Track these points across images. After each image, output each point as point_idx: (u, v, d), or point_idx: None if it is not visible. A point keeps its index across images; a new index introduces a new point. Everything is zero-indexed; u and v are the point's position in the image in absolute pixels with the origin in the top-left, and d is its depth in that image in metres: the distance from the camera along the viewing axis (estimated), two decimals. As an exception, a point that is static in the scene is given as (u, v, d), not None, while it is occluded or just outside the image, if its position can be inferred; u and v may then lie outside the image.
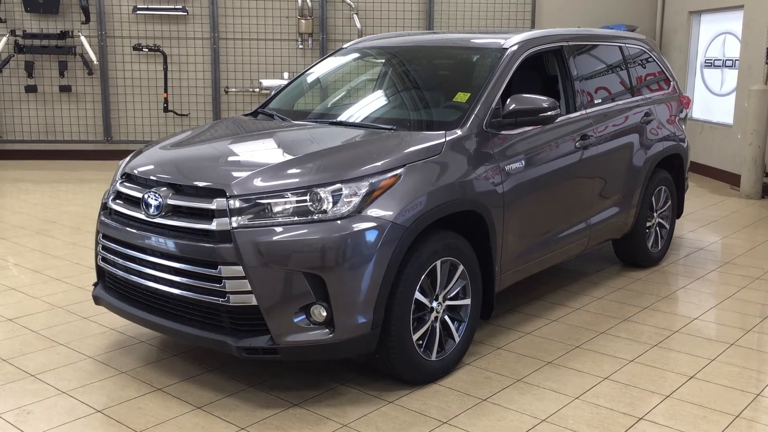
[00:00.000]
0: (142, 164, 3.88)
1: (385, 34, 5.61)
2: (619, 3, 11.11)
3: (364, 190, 3.42)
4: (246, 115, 4.99)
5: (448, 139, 3.87)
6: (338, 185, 3.41)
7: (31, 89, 10.34)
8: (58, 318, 4.58)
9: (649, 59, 5.89)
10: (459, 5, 10.88)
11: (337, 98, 5.26)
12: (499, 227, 4.02)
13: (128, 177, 3.88)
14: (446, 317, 3.79)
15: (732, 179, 9.13)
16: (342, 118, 4.51)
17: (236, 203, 3.36)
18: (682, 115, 6.08)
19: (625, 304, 4.95)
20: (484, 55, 4.60)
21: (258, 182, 3.43)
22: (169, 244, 3.47)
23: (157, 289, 3.57)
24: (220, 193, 3.40)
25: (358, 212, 3.38)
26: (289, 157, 3.76)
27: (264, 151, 4.13)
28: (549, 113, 4.06)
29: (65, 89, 10.43)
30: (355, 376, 3.79)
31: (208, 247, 3.35)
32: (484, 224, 3.93)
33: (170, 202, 3.53)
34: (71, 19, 10.34)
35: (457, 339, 3.84)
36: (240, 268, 3.29)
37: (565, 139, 4.62)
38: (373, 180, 3.46)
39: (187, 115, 10.71)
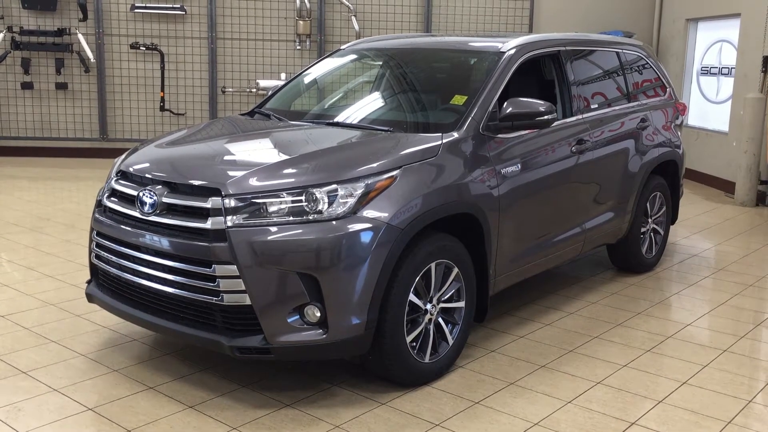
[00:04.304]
0: (138, 162, 3.87)
1: (383, 36, 5.61)
2: (617, 9, 11.14)
3: (359, 191, 3.42)
4: (242, 114, 4.98)
5: (444, 141, 3.87)
6: (334, 186, 3.40)
7: (27, 86, 10.31)
8: (50, 315, 4.56)
9: (646, 65, 5.90)
10: (457, 8, 10.89)
11: (334, 99, 5.25)
12: (494, 230, 4.02)
13: (123, 175, 3.87)
14: (440, 319, 3.79)
15: (727, 187, 9.15)
16: (339, 119, 4.51)
17: (231, 202, 3.35)
18: (678, 122, 6.10)
19: (618, 309, 4.95)
20: (482, 59, 4.61)
21: (253, 182, 3.42)
22: (164, 243, 3.46)
23: (150, 287, 3.56)
24: (215, 191, 3.39)
25: (353, 213, 3.37)
26: (285, 157, 3.75)
27: (260, 150, 4.12)
28: (545, 117, 4.07)
29: (62, 86, 10.40)
30: (348, 378, 3.78)
31: (202, 246, 3.34)
32: (479, 227, 3.93)
33: (165, 200, 3.51)
34: (69, 16, 10.32)
35: (451, 341, 3.84)
36: (234, 267, 3.28)
37: (561, 144, 4.63)
38: (369, 181, 3.46)
39: (183, 115, 10.70)
